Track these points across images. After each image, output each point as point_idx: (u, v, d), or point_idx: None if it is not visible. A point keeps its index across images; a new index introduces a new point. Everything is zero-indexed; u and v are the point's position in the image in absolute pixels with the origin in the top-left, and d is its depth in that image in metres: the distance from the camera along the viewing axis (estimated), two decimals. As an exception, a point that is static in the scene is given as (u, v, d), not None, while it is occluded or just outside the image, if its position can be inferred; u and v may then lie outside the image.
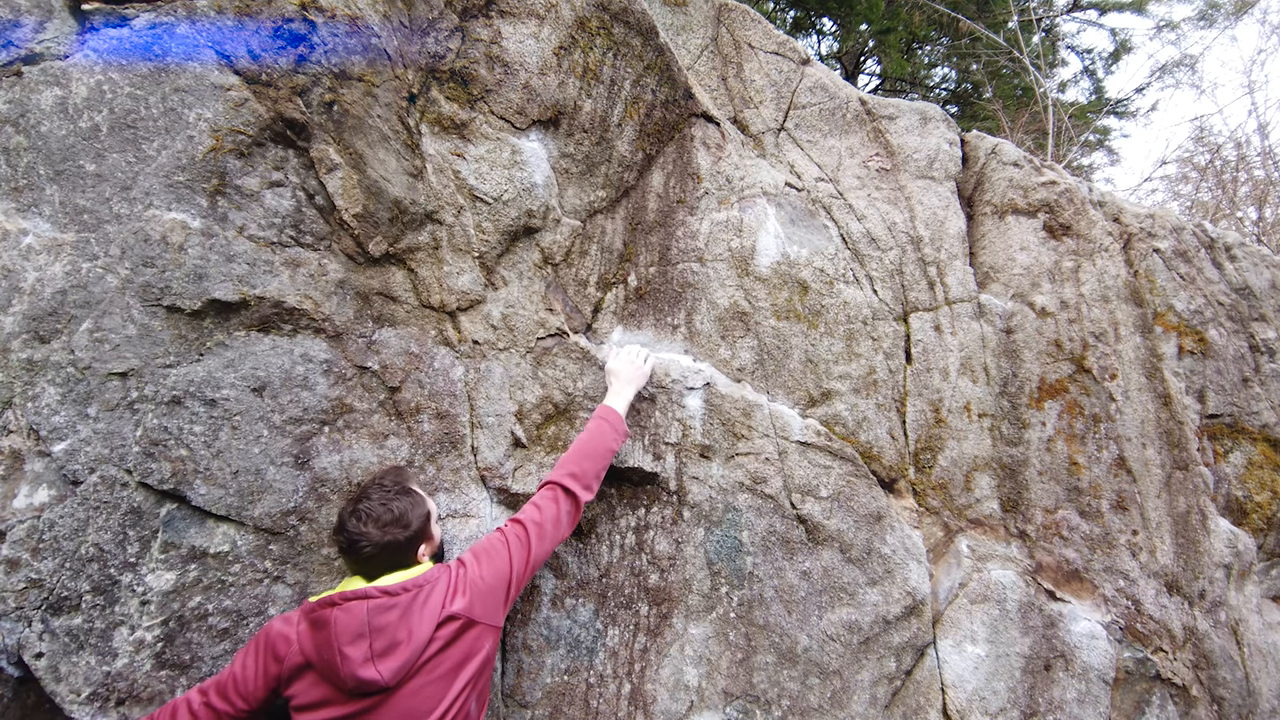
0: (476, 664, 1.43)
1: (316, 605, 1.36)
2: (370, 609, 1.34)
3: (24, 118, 1.52)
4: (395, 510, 1.44)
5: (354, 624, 1.32)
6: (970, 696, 2.07)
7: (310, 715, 1.34)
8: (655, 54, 2.17)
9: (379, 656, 1.32)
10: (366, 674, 1.30)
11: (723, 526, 1.98)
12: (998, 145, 2.58)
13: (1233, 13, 7.22)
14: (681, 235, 2.19)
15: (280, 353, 1.64)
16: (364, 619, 1.33)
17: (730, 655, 1.92)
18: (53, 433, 1.46)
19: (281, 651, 1.37)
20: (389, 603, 1.35)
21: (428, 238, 1.85)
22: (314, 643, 1.34)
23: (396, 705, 1.33)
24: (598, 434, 1.75)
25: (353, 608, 1.34)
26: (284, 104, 1.65)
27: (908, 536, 2.13)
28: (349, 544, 1.41)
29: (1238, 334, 2.67)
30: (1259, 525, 2.55)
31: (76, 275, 1.50)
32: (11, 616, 1.39)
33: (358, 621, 1.33)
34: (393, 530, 1.43)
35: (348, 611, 1.33)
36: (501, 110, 1.97)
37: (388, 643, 1.33)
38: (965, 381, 2.31)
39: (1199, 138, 7.69)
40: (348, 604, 1.34)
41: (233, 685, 1.38)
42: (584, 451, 1.72)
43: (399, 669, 1.33)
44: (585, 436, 1.75)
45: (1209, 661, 2.32)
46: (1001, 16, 6.66)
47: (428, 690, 1.36)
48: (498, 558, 1.52)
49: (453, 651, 1.39)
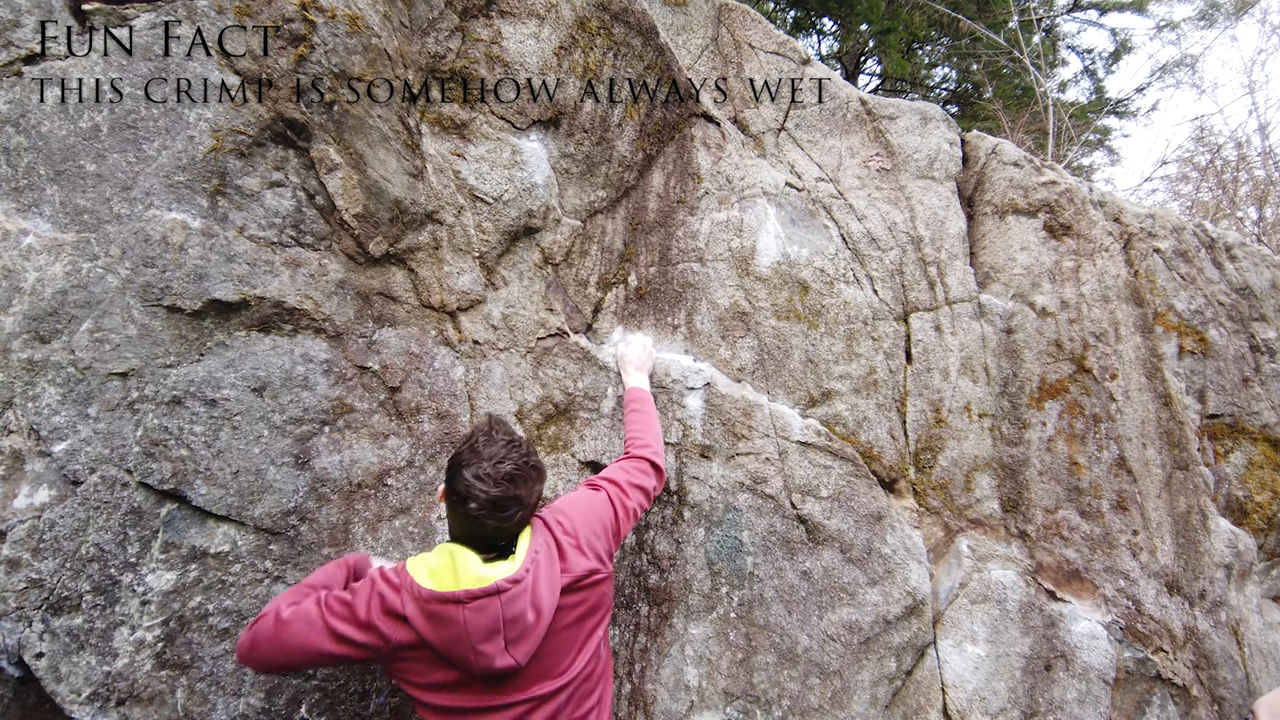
0: (600, 613, 1.41)
1: (434, 599, 1.22)
2: (503, 603, 1.22)
3: (24, 118, 1.52)
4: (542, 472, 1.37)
5: (487, 623, 1.21)
6: (970, 696, 2.07)
7: (437, 696, 1.27)
8: (655, 54, 2.17)
9: (512, 644, 1.24)
10: (502, 663, 1.23)
11: (723, 526, 1.98)
12: (998, 145, 2.57)
13: (1233, 13, 7.21)
14: (682, 235, 2.19)
15: (281, 353, 1.64)
16: (497, 615, 1.22)
17: (730, 655, 1.92)
18: (53, 433, 1.46)
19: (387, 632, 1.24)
20: (517, 591, 1.24)
21: (428, 238, 1.85)
22: (436, 634, 1.23)
23: (530, 672, 1.29)
24: (652, 414, 1.84)
25: (485, 606, 1.21)
26: (284, 104, 1.65)
27: (908, 536, 2.13)
28: (493, 505, 1.25)
29: (1238, 334, 2.67)
30: (1259, 525, 2.55)
31: (77, 275, 1.50)
32: (12, 616, 1.39)
33: (491, 620, 1.22)
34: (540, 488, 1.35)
35: (480, 611, 1.21)
36: (502, 110, 1.97)
37: (520, 630, 1.25)
38: (965, 381, 2.31)
39: (1199, 138, 7.70)
40: (478, 603, 1.21)
41: None
42: (655, 431, 1.78)
43: (532, 648, 1.27)
44: (646, 419, 1.80)
45: (1209, 661, 2.32)
46: (1002, 16, 6.66)
47: (558, 652, 1.32)
48: (597, 505, 1.50)
49: (576, 609, 1.35)
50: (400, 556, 1.72)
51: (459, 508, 1.28)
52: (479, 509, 1.25)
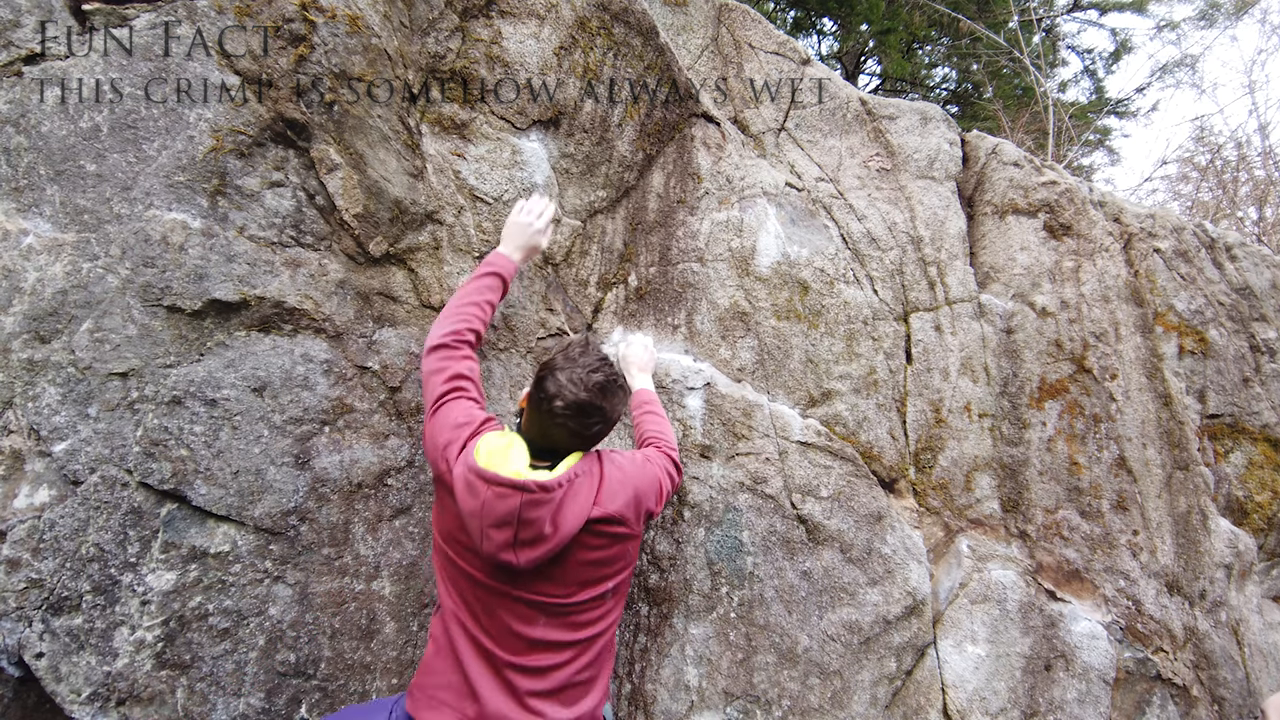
0: (615, 570, 1.41)
1: (472, 470, 1.29)
2: (524, 503, 1.26)
3: (24, 118, 1.52)
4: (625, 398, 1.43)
5: (503, 511, 1.27)
6: (971, 696, 2.07)
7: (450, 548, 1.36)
8: (656, 54, 2.17)
9: (521, 546, 1.28)
10: (505, 557, 1.28)
11: (723, 526, 1.98)
12: (998, 145, 2.57)
13: (1233, 13, 7.21)
14: (682, 235, 2.19)
15: (281, 353, 1.64)
16: (515, 510, 1.26)
17: (730, 655, 1.92)
18: (53, 433, 1.46)
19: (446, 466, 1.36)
20: (543, 499, 1.28)
21: (428, 238, 1.85)
22: (464, 501, 1.29)
23: (532, 577, 1.32)
24: (665, 415, 1.84)
25: (507, 497, 1.26)
26: (284, 104, 1.65)
27: (908, 536, 2.13)
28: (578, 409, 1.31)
29: (1238, 334, 2.67)
30: (1259, 525, 2.55)
31: (77, 275, 1.50)
32: (12, 616, 1.39)
33: (507, 511, 1.26)
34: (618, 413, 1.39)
35: (501, 499, 1.26)
36: (502, 110, 1.97)
37: (533, 535, 1.28)
38: (966, 381, 2.31)
39: (1199, 138, 7.69)
40: (502, 491, 1.27)
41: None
42: (672, 432, 1.79)
43: (538, 559, 1.29)
44: (662, 421, 1.80)
45: (1210, 661, 2.32)
46: (1002, 16, 6.66)
47: (565, 578, 1.34)
48: (649, 468, 1.51)
49: (595, 550, 1.36)
50: (400, 557, 1.72)
51: (542, 406, 1.34)
52: (564, 409, 1.31)
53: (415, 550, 1.74)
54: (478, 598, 1.35)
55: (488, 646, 1.33)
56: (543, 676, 1.34)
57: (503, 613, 1.34)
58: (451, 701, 1.32)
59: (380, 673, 1.65)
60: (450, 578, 1.39)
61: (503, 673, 1.32)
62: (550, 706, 1.33)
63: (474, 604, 1.35)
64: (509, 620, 1.33)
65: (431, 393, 1.49)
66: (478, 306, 1.62)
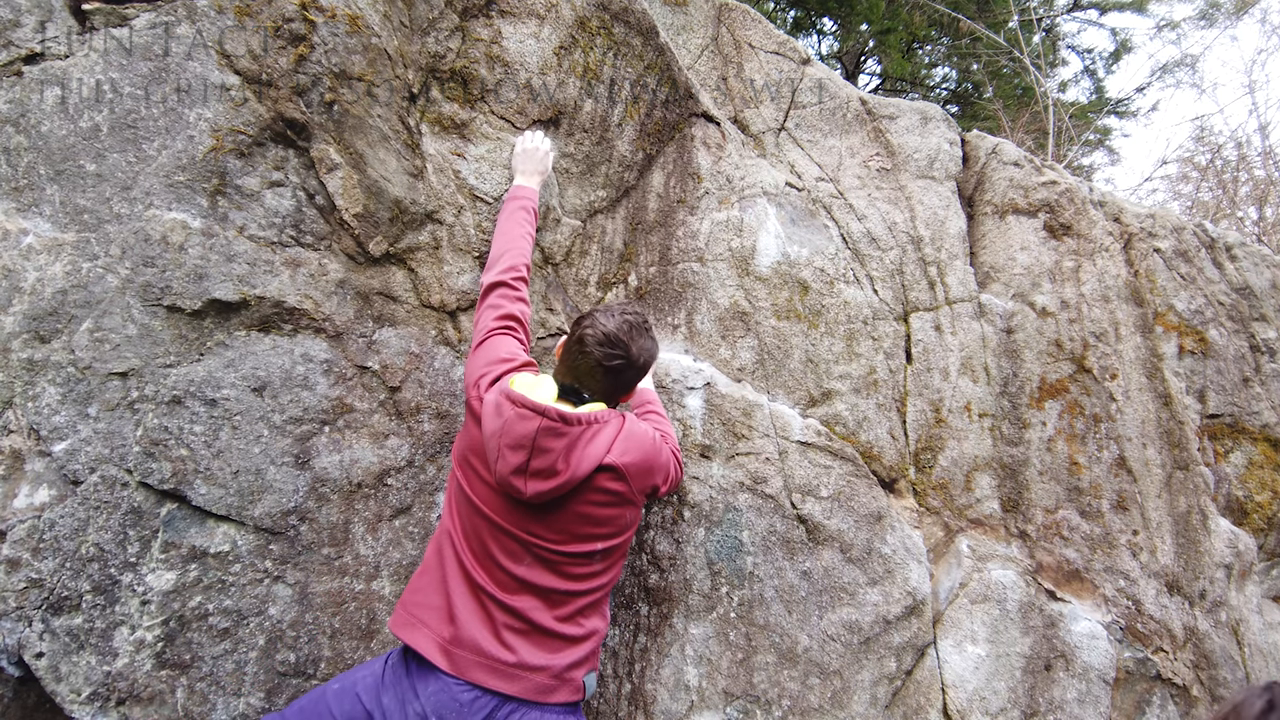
0: (613, 528, 1.44)
1: (504, 391, 1.37)
2: (541, 428, 1.32)
3: (24, 118, 1.52)
4: (651, 349, 1.50)
5: (521, 433, 1.32)
6: (971, 696, 2.07)
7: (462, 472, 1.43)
8: (656, 54, 2.17)
9: (531, 475, 1.33)
10: (515, 482, 1.33)
11: (723, 526, 1.98)
12: (998, 145, 2.57)
13: (1233, 13, 7.21)
14: (682, 235, 2.19)
15: (280, 353, 1.64)
16: (532, 434, 1.32)
17: (730, 655, 1.92)
18: (53, 432, 1.46)
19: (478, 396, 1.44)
20: (561, 429, 1.33)
21: (428, 237, 1.85)
22: (489, 423, 1.36)
23: (526, 519, 1.37)
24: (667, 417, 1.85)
25: (528, 419, 1.33)
26: (284, 104, 1.65)
27: (908, 536, 2.13)
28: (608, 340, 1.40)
29: (1238, 334, 2.67)
30: (1259, 525, 2.55)
31: (77, 275, 1.50)
32: (12, 616, 1.39)
33: (525, 433, 1.32)
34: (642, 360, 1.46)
35: (522, 420, 1.33)
36: (502, 110, 1.97)
37: (545, 465, 1.33)
38: (966, 381, 2.31)
39: (1199, 137, 7.69)
40: (525, 412, 1.33)
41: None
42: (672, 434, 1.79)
43: (543, 493, 1.33)
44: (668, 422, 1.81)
45: (1210, 662, 2.32)
46: (1002, 16, 6.66)
47: (559, 525, 1.37)
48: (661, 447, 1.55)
49: (596, 506, 1.40)
50: (400, 557, 1.72)
51: (575, 346, 1.44)
52: (593, 338, 1.41)
53: (415, 550, 1.74)
54: (474, 526, 1.39)
55: (475, 576, 1.37)
56: (520, 617, 1.36)
57: (494, 545, 1.37)
58: (430, 622, 1.35)
59: (380, 672, 1.65)
60: (455, 501, 1.45)
61: (484, 604, 1.36)
62: (524, 646, 1.35)
63: (469, 532, 1.40)
64: (498, 554, 1.37)
65: (483, 326, 1.58)
66: (526, 240, 1.73)
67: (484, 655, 1.32)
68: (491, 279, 1.64)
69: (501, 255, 1.69)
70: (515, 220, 1.76)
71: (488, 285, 1.64)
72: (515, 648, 1.34)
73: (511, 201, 1.81)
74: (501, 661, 1.32)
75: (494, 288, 1.63)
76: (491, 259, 1.72)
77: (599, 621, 1.48)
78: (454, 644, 1.33)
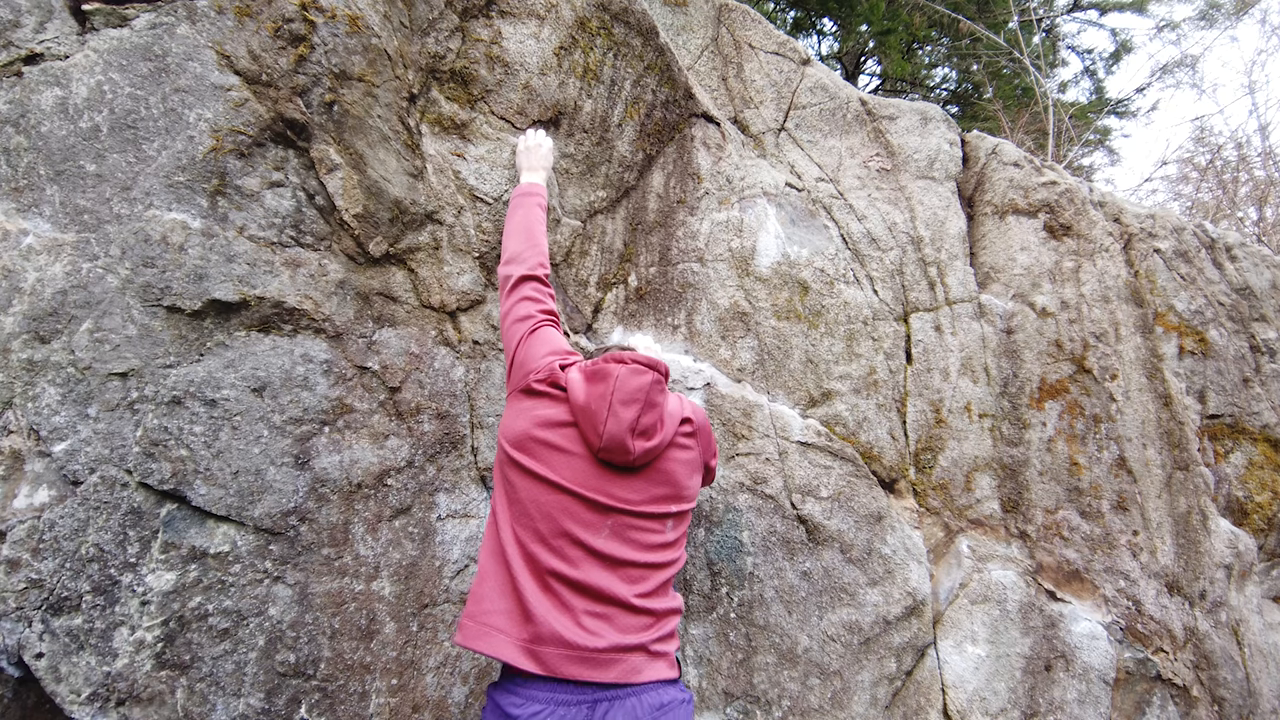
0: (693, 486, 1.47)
1: (605, 356, 1.37)
2: (654, 382, 1.34)
3: (24, 118, 1.52)
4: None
5: (635, 387, 1.31)
6: (971, 697, 2.06)
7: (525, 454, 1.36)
8: (655, 54, 2.17)
9: (639, 434, 1.32)
10: (627, 441, 1.31)
11: (723, 527, 1.98)
12: (998, 145, 2.57)
13: (1233, 13, 7.21)
14: (682, 235, 2.19)
15: (280, 353, 1.64)
16: (646, 387, 1.32)
17: (730, 655, 1.92)
18: (53, 433, 1.46)
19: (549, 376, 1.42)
20: (664, 386, 1.37)
21: (428, 238, 1.85)
22: (585, 392, 1.34)
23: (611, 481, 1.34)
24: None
25: (642, 373, 1.33)
26: (284, 104, 1.65)
27: (908, 537, 2.13)
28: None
29: (1238, 334, 2.66)
30: (1259, 525, 2.55)
31: (77, 275, 1.50)
32: (12, 617, 1.39)
33: (638, 388, 1.32)
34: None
35: (636, 374, 1.32)
36: (502, 110, 1.97)
37: (652, 422, 1.34)
38: (966, 382, 2.31)
39: (1199, 138, 7.69)
40: (638, 368, 1.33)
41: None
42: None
43: (650, 451, 1.34)
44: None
45: (1210, 662, 2.32)
46: (1002, 17, 6.66)
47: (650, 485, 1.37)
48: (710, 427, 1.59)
49: (682, 460, 1.42)
50: (400, 557, 1.72)
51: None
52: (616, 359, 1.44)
53: (415, 550, 1.74)
54: (542, 507, 1.33)
55: (544, 561, 1.29)
56: (599, 597, 1.29)
57: (568, 521, 1.31)
58: (505, 627, 1.27)
59: (380, 673, 1.65)
60: (512, 489, 1.37)
61: (558, 592, 1.28)
62: (609, 629, 1.27)
63: (537, 515, 1.32)
64: (573, 528, 1.31)
65: (529, 315, 1.55)
66: (545, 238, 1.75)
67: (571, 647, 1.23)
68: (524, 271, 1.63)
69: (527, 249, 1.68)
70: (534, 215, 1.76)
71: (520, 276, 1.62)
72: (600, 632, 1.26)
73: (527, 197, 1.80)
74: (590, 649, 1.23)
75: (527, 280, 1.62)
76: (515, 250, 1.68)
77: (675, 600, 1.42)
78: (536, 642, 1.24)
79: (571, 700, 1.22)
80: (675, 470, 1.42)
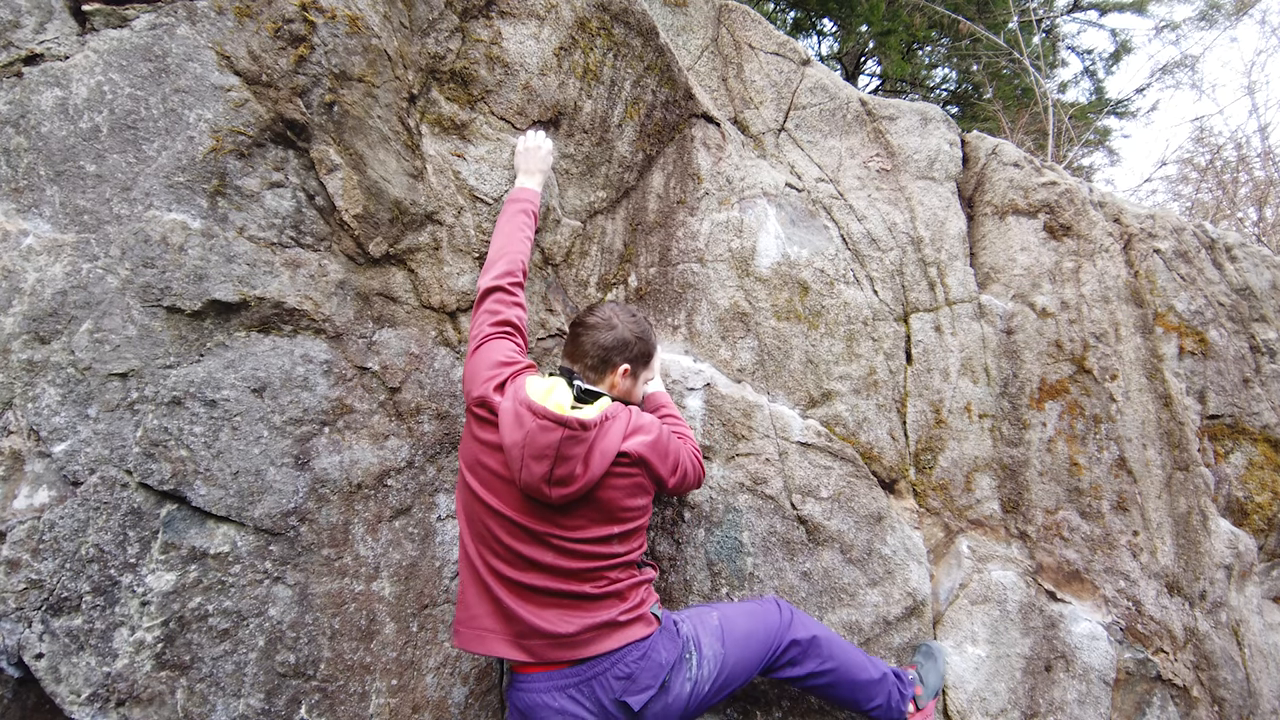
0: (637, 508, 1.51)
1: (524, 402, 1.40)
2: (564, 438, 1.37)
3: (24, 118, 1.52)
4: (641, 326, 1.61)
5: (545, 444, 1.37)
6: (971, 697, 2.06)
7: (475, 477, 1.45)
8: (655, 54, 2.17)
9: (555, 483, 1.38)
10: (541, 490, 1.38)
11: (723, 527, 1.98)
12: (998, 146, 2.58)
13: (1233, 13, 7.21)
14: (682, 236, 2.19)
15: (280, 353, 1.64)
16: (555, 444, 1.37)
17: (731, 656, 1.92)
18: (53, 433, 1.46)
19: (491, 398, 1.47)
20: (582, 436, 1.39)
21: (428, 238, 1.85)
22: (509, 434, 1.39)
23: (554, 514, 1.42)
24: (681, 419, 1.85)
25: (550, 430, 1.37)
26: (284, 104, 1.65)
27: (908, 537, 2.13)
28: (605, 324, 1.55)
29: (1238, 334, 2.66)
30: (1260, 526, 2.55)
31: (77, 276, 1.50)
32: (12, 617, 1.39)
33: (549, 444, 1.37)
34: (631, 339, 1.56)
35: (545, 431, 1.37)
36: (502, 111, 1.97)
37: (568, 472, 1.38)
38: (966, 382, 2.31)
39: (1199, 138, 7.68)
40: (547, 424, 1.37)
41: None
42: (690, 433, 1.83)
43: (567, 496, 1.40)
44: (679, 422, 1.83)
45: (1210, 662, 2.32)
46: (1002, 17, 6.66)
47: (586, 515, 1.44)
48: (672, 438, 1.61)
49: (621, 489, 1.46)
50: (400, 558, 1.72)
51: (573, 329, 1.60)
52: (593, 320, 1.56)
53: (415, 551, 1.74)
54: (491, 528, 1.44)
55: (505, 572, 1.42)
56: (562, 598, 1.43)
57: (515, 542, 1.42)
58: (495, 628, 1.42)
59: (380, 673, 1.65)
60: (468, 506, 1.49)
61: (524, 595, 1.42)
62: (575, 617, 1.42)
63: (486, 534, 1.44)
64: (521, 548, 1.42)
65: (479, 331, 1.60)
66: (524, 243, 1.75)
67: (549, 636, 1.39)
68: (488, 283, 1.65)
69: (498, 259, 1.70)
70: (515, 223, 1.77)
71: (484, 290, 1.65)
72: (571, 619, 1.41)
73: (512, 204, 1.81)
74: (565, 634, 1.40)
75: (490, 292, 1.64)
76: (489, 262, 1.72)
77: (643, 574, 1.57)
78: (522, 636, 1.40)
79: (568, 683, 1.40)
80: (613, 498, 1.46)
